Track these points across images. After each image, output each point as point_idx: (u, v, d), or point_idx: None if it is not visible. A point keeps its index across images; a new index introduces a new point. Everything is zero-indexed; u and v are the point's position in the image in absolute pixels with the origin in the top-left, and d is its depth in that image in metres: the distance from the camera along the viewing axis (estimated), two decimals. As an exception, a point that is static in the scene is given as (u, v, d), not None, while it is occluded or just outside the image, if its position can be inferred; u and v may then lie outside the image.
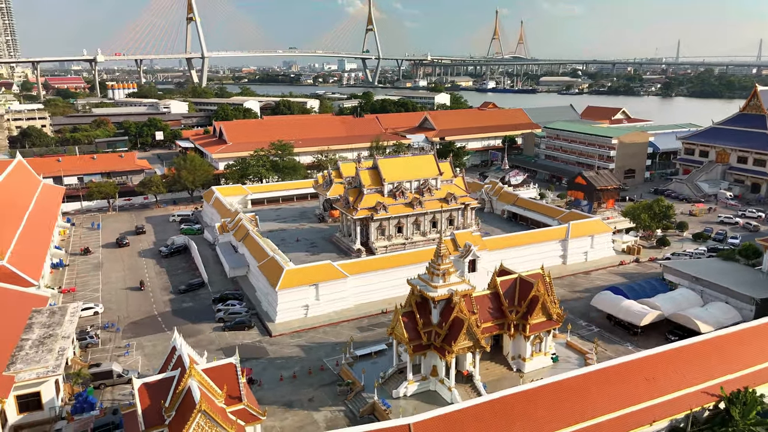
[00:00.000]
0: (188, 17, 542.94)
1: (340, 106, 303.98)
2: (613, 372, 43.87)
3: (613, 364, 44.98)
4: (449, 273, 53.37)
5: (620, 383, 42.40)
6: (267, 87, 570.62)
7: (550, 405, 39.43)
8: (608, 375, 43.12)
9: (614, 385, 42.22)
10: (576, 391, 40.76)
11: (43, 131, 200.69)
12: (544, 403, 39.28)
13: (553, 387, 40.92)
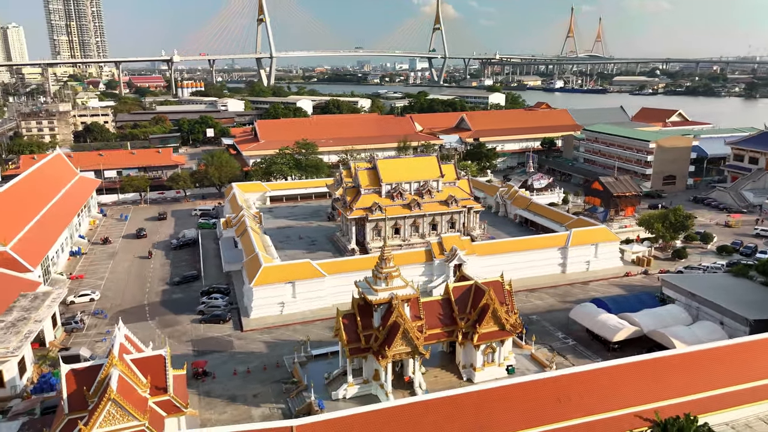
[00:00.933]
0: (259, 18, 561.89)
1: (392, 105, 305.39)
2: (519, 389, 41.84)
3: (521, 381, 42.96)
4: (392, 277, 52.66)
5: (525, 401, 40.34)
6: (334, 86, 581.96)
7: (444, 418, 38.20)
8: (512, 392, 41.19)
9: (517, 403, 40.25)
10: (475, 407, 39.24)
11: (105, 127, 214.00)
12: (437, 417, 38.12)
13: (451, 400, 39.64)
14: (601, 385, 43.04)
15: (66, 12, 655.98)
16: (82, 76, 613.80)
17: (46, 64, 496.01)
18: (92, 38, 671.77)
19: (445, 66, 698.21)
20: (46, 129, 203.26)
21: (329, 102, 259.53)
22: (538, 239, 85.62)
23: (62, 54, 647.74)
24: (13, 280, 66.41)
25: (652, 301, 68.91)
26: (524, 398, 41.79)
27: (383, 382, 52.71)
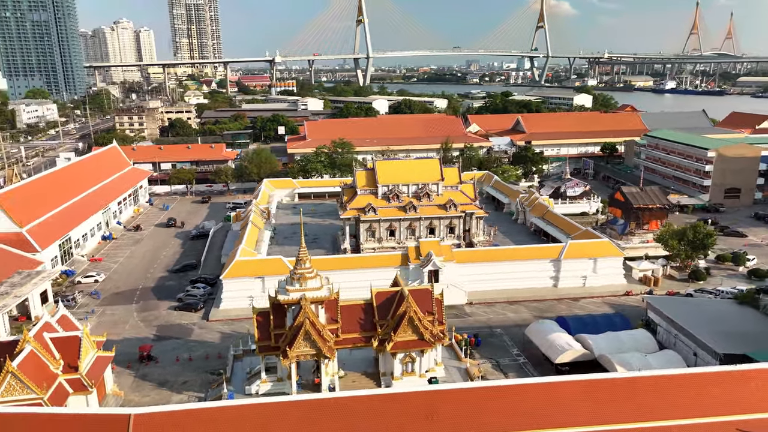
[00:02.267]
0: (358, 19, 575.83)
1: (469, 105, 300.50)
2: (388, 401, 40.39)
3: (391, 393, 41.43)
4: (305, 278, 52.84)
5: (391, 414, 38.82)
6: (431, 86, 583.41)
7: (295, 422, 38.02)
8: (380, 403, 39.86)
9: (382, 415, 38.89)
10: (334, 415, 38.58)
11: (188, 123, 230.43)
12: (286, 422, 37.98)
13: (312, 404, 39.39)
14: (475, 405, 40.44)
15: (188, 17, 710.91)
16: (199, 75, 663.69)
17: (163, 65, 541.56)
18: (209, 40, 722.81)
19: (547, 65, 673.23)
20: (137, 124, 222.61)
21: (401, 102, 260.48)
22: (527, 249, 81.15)
23: (182, 55, 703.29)
24: (15, 257, 74.32)
25: (623, 323, 63.13)
26: (391, 411, 40.28)
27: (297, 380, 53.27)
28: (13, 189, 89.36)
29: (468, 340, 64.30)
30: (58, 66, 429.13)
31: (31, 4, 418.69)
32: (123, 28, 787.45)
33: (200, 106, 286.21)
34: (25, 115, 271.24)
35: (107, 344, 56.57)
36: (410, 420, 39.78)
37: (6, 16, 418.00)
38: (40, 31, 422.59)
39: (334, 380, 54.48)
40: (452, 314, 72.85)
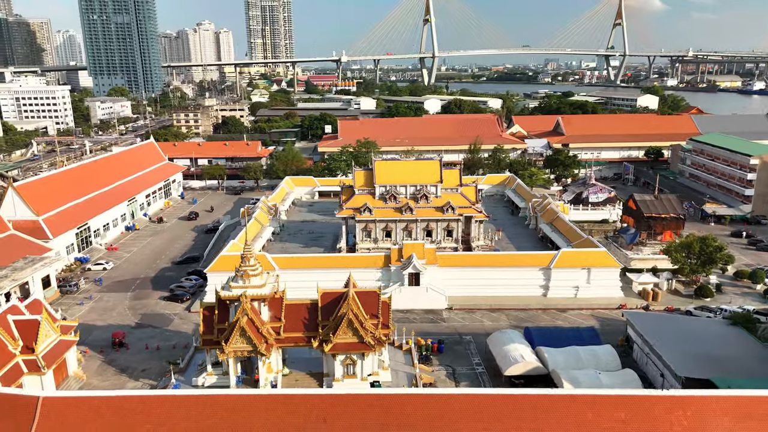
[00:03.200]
0: (425, 19, 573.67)
1: (524, 105, 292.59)
2: (283, 401, 40.37)
3: (289, 394, 41.40)
4: (248, 276, 53.69)
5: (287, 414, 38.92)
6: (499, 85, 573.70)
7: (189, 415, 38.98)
8: (275, 403, 40.00)
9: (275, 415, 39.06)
10: (233, 410, 39.25)
11: (240, 120, 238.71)
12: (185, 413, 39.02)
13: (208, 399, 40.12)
14: (373, 413, 39.77)
15: (262, 18, 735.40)
16: (271, 75, 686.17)
17: (234, 64, 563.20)
18: (282, 41, 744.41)
19: (623, 64, 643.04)
20: (192, 121, 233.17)
21: (451, 102, 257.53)
22: (515, 256, 78.32)
23: (256, 55, 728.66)
24: (25, 243, 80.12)
25: (591, 338, 59.64)
26: (286, 411, 40.40)
27: (239, 375, 54.29)
28: (36, 180, 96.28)
29: (430, 346, 63.07)
30: (138, 65, 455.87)
31: (115, 7, 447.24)
32: (204, 30, 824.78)
33: (257, 105, 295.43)
34: (99, 111, 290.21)
35: (91, 330, 60.06)
36: (305, 422, 39.71)
37: (93, 19, 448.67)
38: (122, 32, 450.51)
39: (278, 377, 55.11)
40: (427, 319, 71.79)
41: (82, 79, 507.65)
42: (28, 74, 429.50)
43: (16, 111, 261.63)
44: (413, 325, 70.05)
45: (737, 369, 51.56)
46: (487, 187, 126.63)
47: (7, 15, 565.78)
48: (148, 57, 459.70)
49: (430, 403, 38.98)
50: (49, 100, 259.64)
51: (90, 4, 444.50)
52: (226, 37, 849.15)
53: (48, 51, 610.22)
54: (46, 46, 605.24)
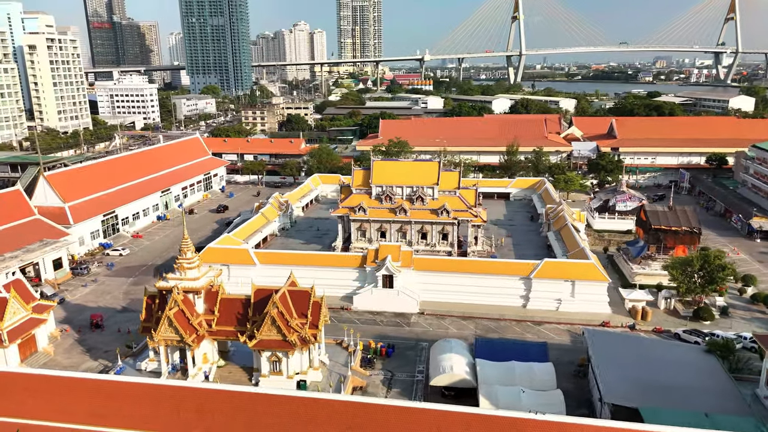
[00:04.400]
0: (513, 16, 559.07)
1: (601, 106, 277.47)
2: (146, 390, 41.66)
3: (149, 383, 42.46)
4: (183, 268, 55.69)
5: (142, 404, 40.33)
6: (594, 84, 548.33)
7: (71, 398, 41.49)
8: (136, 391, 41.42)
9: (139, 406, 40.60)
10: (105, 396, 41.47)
11: (304, 118, 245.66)
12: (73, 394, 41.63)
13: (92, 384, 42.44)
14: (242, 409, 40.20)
15: (353, 18, 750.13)
16: (359, 74, 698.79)
17: (319, 64, 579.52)
18: (371, 40, 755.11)
19: (735, 62, 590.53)
20: (259, 118, 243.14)
21: (517, 102, 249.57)
22: (495, 263, 74.81)
23: (345, 55, 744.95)
24: (46, 227, 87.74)
25: (538, 355, 55.91)
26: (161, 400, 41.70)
27: (175, 363, 56.53)
28: (68, 170, 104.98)
29: (379, 350, 62.17)
30: (229, 65, 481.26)
31: (212, 10, 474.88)
32: (300, 31, 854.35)
33: (326, 103, 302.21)
34: (185, 108, 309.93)
35: (83, 311, 65.18)
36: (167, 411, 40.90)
37: (192, 21, 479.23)
38: (217, 34, 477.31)
39: (212, 369, 56.74)
40: (394, 322, 70.69)
41: (184, 78, 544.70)
42: (133, 73, 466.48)
43: (110, 107, 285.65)
44: (377, 327, 69.47)
45: (687, 401, 46.53)
46: (515, 191, 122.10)
47: (121, 19, 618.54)
48: (239, 57, 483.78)
49: (301, 405, 38.97)
50: (137, 97, 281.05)
51: (189, 8, 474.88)
52: (320, 37, 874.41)
53: (155, 51, 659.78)
54: (153, 47, 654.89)
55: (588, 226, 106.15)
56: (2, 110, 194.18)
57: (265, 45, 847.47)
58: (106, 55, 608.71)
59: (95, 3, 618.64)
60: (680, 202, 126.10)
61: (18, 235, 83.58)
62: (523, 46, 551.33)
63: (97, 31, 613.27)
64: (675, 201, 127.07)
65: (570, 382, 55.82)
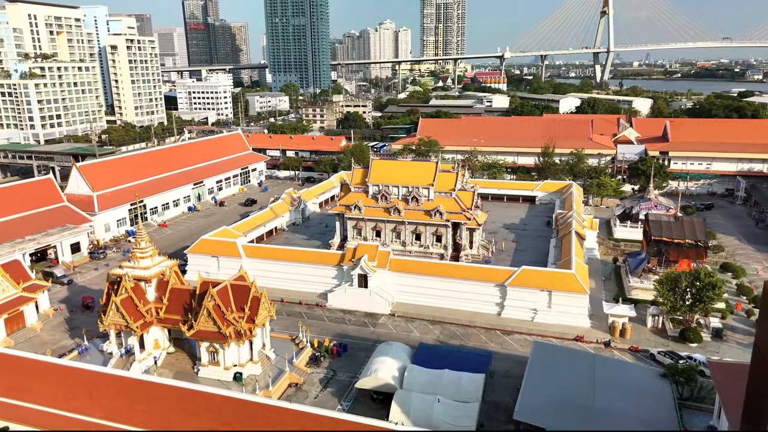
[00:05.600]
0: (602, 11, 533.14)
1: (681, 107, 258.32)
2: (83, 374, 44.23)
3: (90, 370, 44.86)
4: (136, 257, 58.53)
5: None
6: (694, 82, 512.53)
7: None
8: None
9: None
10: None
11: (362, 116, 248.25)
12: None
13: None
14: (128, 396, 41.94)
15: (436, 16, 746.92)
16: (440, 72, 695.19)
17: (395, 62, 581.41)
18: (454, 38, 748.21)
19: None
20: (318, 116, 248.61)
21: (584, 101, 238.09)
22: (470, 269, 72.14)
23: (428, 52, 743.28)
24: (72, 213, 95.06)
25: (479, 365, 53.63)
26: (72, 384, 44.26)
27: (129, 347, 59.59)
28: (101, 161, 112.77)
29: (330, 348, 62.12)
30: (309, 64, 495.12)
31: (294, 11, 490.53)
32: (385, 29, 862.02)
33: (390, 101, 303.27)
34: (257, 105, 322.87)
35: (86, 292, 71.00)
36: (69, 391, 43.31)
37: (275, 22, 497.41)
38: (298, 33, 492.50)
39: (162, 354, 59.24)
40: (360, 322, 70.33)
41: (269, 75, 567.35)
42: (219, 71, 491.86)
43: (187, 103, 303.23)
44: (342, 326, 69.43)
45: (610, 426, 43.04)
46: (542, 195, 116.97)
47: (214, 20, 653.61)
48: (318, 56, 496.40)
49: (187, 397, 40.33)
50: (212, 94, 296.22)
51: (274, 9, 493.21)
52: (405, 35, 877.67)
53: (244, 51, 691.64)
54: (242, 46, 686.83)
55: (609, 234, 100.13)
56: (83, 105, 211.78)
57: (351, 44, 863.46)
58: (200, 54, 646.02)
59: (192, 6, 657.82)
60: (731, 213, 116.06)
61: (43, 219, 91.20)
62: (611, 43, 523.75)
63: (193, 32, 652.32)
64: (725, 211, 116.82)
65: (513, 396, 52.98)
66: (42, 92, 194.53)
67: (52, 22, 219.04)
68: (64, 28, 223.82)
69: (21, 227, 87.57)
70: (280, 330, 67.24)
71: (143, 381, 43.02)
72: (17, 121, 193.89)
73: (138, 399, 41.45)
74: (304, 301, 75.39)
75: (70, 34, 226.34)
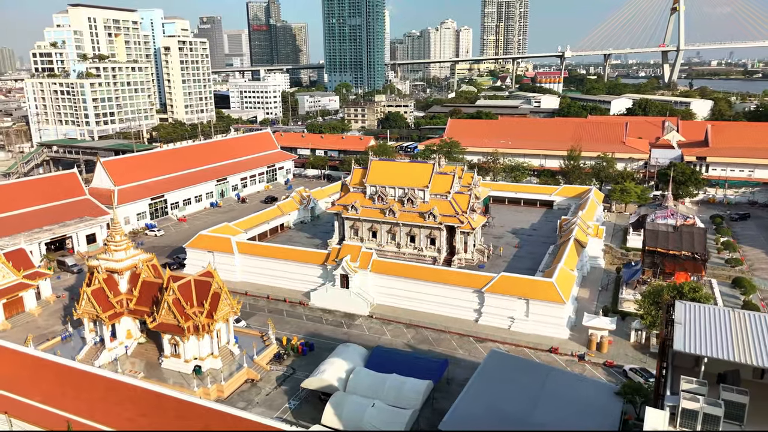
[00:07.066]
0: (672, 7, 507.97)
1: (745, 109, 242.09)
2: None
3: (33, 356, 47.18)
4: (111, 250, 60.99)
5: None
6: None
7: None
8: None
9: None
10: None
11: (403, 116, 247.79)
12: None
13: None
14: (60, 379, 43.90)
15: (497, 14, 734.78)
16: (499, 71, 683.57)
17: (454, 62, 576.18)
18: (515, 37, 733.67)
19: None
20: (359, 115, 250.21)
21: (636, 103, 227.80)
22: (451, 273, 70.47)
23: (488, 52, 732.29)
24: (91, 206, 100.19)
25: (432, 372, 52.47)
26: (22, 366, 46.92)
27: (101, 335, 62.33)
28: (126, 157, 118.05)
29: (296, 346, 62.58)
30: (363, 63, 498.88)
31: (351, 11, 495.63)
32: (446, 28, 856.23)
33: (436, 101, 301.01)
34: (307, 104, 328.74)
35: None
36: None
37: (333, 22, 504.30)
38: (354, 33, 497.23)
39: (133, 344, 61.54)
40: (336, 322, 70.44)
41: (326, 75, 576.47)
42: (277, 71, 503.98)
43: (240, 102, 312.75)
44: (317, 325, 69.76)
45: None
46: (560, 199, 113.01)
47: (275, 21, 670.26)
48: (373, 55, 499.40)
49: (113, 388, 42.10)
50: (262, 94, 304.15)
51: (331, 9, 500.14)
52: (466, 34, 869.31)
53: (304, 51, 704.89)
54: (302, 47, 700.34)
55: (623, 242, 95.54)
56: (135, 104, 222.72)
57: (410, 43, 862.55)
58: (261, 54, 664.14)
59: (255, 8, 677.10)
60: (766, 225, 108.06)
61: (64, 211, 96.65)
62: (682, 40, 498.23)
63: (255, 33, 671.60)
64: (762, 223, 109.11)
65: (464, 406, 51.54)
66: (97, 91, 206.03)
67: (111, 24, 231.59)
68: (122, 30, 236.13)
69: (42, 218, 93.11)
70: (258, 326, 68.52)
71: (79, 370, 44.90)
72: (74, 118, 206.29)
73: (71, 386, 43.34)
74: (289, 298, 76.23)
75: (128, 36, 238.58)
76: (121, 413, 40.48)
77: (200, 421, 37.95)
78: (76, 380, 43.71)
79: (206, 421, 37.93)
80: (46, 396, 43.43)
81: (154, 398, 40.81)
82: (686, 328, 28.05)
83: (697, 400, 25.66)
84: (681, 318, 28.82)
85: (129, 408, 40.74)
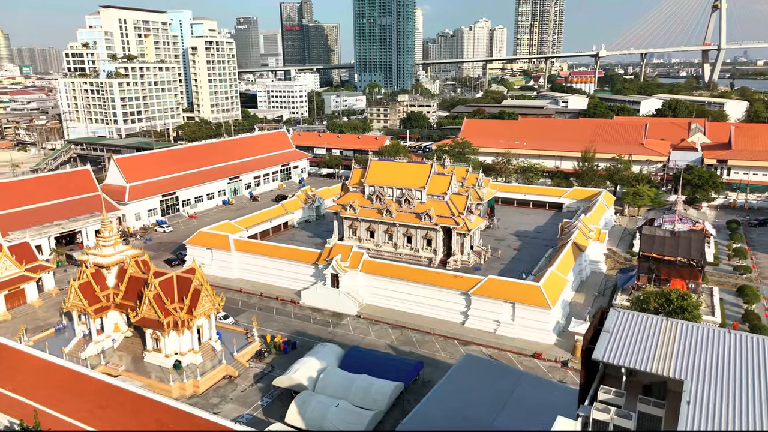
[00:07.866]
0: (714, 5, 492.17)
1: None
2: None
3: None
4: (99, 245, 62.46)
5: None
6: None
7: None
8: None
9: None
10: None
11: (425, 116, 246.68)
12: None
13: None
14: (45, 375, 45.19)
15: (532, 13, 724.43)
16: (533, 71, 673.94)
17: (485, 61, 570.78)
18: (549, 36, 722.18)
19: None
20: (382, 115, 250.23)
21: (666, 103, 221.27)
22: (439, 275, 69.68)
23: (521, 51, 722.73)
24: (107, 203, 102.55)
25: (404, 374, 52.18)
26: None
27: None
28: (139, 155, 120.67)
29: (278, 344, 62.93)
30: (393, 63, 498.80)
31: (381, 11, 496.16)
32: (480, 27, 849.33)
33: (461, 101, 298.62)
34: (333, 104, 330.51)
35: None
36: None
37: (363, 22, 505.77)
38: (384, 33, 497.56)
39: (120, 337, 62.89)
40: (324, 321, 70.59)
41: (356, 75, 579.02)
42: (307, 71, 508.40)
43: (267, 102, 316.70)
44: (304, 324, 70.03)
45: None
46: (570, 202, 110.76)
47: (308, 22, 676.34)
48: (402, 55, 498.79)
49: (75, 380, 43.22)
50: (287, 93, 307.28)
51: (362, 9, 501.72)
52: (500, 34, 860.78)
53: (335, 51, 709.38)
54: (334, 46, 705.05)
55: (630, 247, 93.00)
56: (162, 103, 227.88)
57: (443, 43, 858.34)
58: (294, 54, 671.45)
59: (288, 8, 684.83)
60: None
61: (75, 207, 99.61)
62: (723, 39, 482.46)
63: (288, 33, 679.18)
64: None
65: (435, 410, 50.95)
66: (125, 90, 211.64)
67: (140, 26, 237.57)
68: (152, 31, 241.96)
69: (53, 213, 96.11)
70: (247, 323, 69.16)
71: (45, 361, 46.15)
72: (103, 116, 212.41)
73: (36, 376, 44.54)
74: (281, 296, 76.76)
75: (157, 36, 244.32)
76: (81, 404, 41.41)
77: (153, 416, 38.50)
78: (42, 371, 44.93)
79: (159, 416, 38.47)
80: (15, 384, 44.80)
81: (114, 392, 41.62)
82: (612, 337, 27.06)
83: (608, 411, 24.73)
84: (610, 326, 27.83)
85: (89, 399, 41.67)
